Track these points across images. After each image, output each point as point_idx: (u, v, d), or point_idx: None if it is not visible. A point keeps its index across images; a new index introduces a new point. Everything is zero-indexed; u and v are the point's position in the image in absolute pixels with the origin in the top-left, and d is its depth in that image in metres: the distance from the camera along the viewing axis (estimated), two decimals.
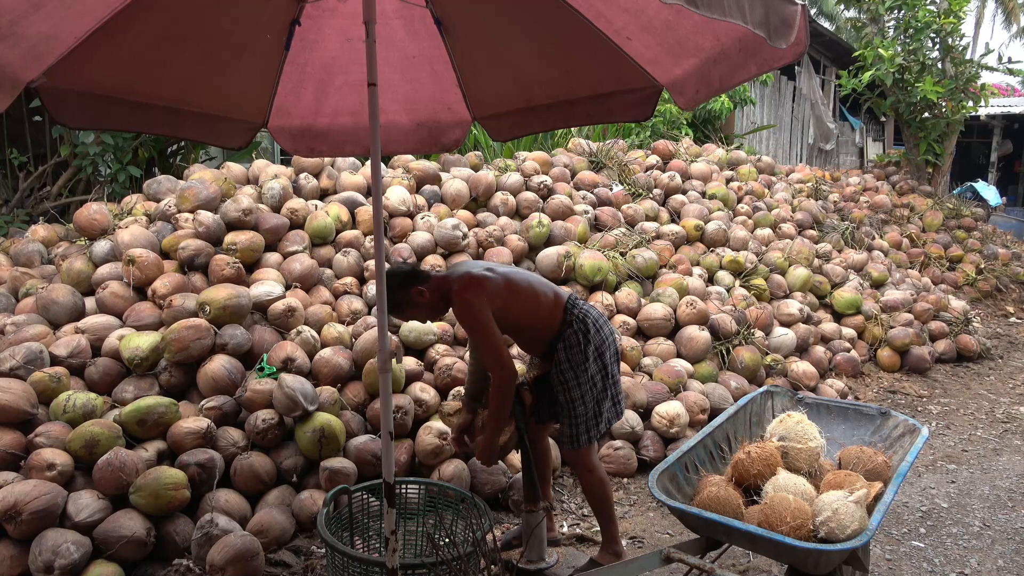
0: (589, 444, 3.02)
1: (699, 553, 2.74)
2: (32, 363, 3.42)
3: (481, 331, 2.78)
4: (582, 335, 2.93)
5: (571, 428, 2.98)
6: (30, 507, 2.84)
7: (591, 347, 2.94)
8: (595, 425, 2.99)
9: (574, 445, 3.00)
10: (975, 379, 6.45)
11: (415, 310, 2.89)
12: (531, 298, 2.95)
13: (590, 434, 2.99)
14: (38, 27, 2.00)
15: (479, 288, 2.79)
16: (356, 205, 4.98)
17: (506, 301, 2.84)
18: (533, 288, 2.99)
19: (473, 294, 2.77)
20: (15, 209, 5.94)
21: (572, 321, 2.95)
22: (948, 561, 3.48)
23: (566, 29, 2.56)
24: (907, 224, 8.86)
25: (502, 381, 2.79)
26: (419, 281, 2.83)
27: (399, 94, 3.15)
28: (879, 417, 3.26)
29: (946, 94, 9.54)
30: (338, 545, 2.48)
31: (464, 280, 2.82)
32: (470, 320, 2.79)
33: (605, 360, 3.00)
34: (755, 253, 6.30)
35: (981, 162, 17.98)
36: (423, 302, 2.83)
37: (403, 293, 2.81)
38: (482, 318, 2.75)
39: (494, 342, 2.76)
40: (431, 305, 2.86)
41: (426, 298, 2.82)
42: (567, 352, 2.93)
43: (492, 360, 2.79)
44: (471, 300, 2.76)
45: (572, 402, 2.95)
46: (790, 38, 1.86)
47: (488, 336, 2.76)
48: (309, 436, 3.46)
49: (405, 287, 2.81)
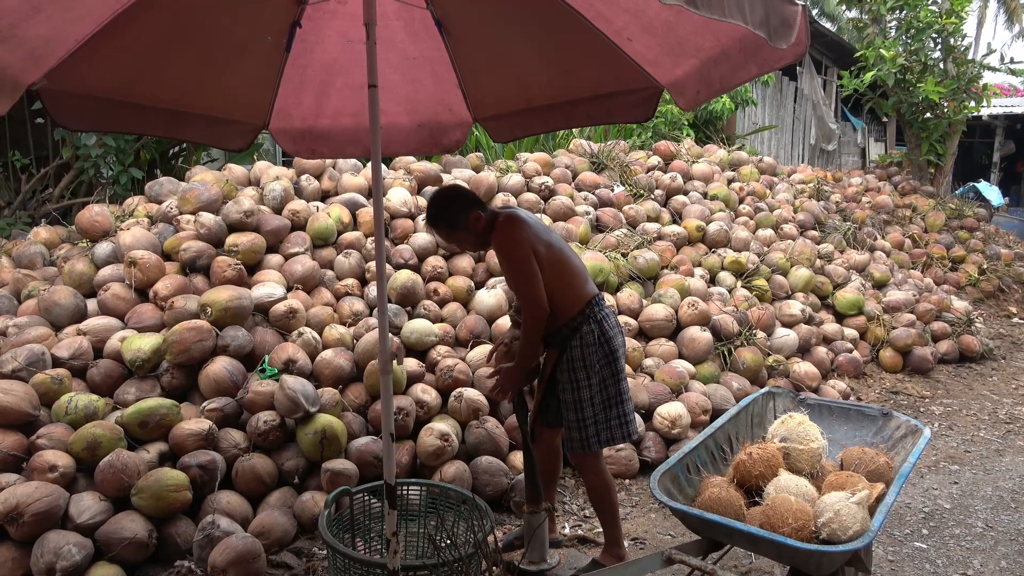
0: (599, 448, 3.00)
1: (701, 554, 2.73)
2: (34, 365, 3.42)
3: (518, 262, 2.80)
4: (598, 335, 2.92)
5: (580, 431, 2.96)
6: (32, 509, 2.84)
7: (604, 350, 2.93)
8: (605, 429, 2.97)
9: (583, 448, 2.97)
10: (978, 380, 6.43)
11: (464, 235, 2.93)
12: (564, 272, 2.93)
13: (599, 438, 2.97)
14: (39, 30, 2.00)
15: (523, 225, 2.85)
16: (357, 207, 4.98)
17: (541, 258, 2.84)
18: (571, 263, 2.98)
19: (516, 228, 2.83)
20: (17, 211, 5.94)
21: (591, 318, 2.93)
22: (951, 562, 3.47)
23: (566, 30, 2.56)
24: (909, 224, 8.84)
25: (533, 315, 2.81)
26: (480, 207, 2.89)
27: (400, 95, 3.15)
28: (881, 418, 3.25)
29: (948, 94, 9.52)
30: (339, 547, 2.48)
31: (511, 215, 2.89)
32: (508, 250, 2.82)
33: (617, 367, 2.98)
34: (757, 254, 6.29)
35: (983, 162, 17.95)
36: (478, 228, 2.88)
37: (462, 215, 2.86)
38: (519, 251, 2.79)
39: (530, 275, 2.78)
40: (482, 234, 2.91)
41: (481, 225, 2.87)
42: (582, 350, 2.91)
43: (525, 294, 2.81)
44: (514, 233, 2.81)
45: (580, 402, 2.93)
46: (790, 38, 1.85)
47: (524, 269, 2.79)
48: (311, 437, 3.46)
49: (466, 209, 2.87)
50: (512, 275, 2.92)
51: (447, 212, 2.91)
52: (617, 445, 3.75)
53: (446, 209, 2.91)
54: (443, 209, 2.92)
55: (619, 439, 3.03)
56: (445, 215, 2.91)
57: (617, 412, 3.00)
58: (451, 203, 2.91)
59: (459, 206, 2.89)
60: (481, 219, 2.88)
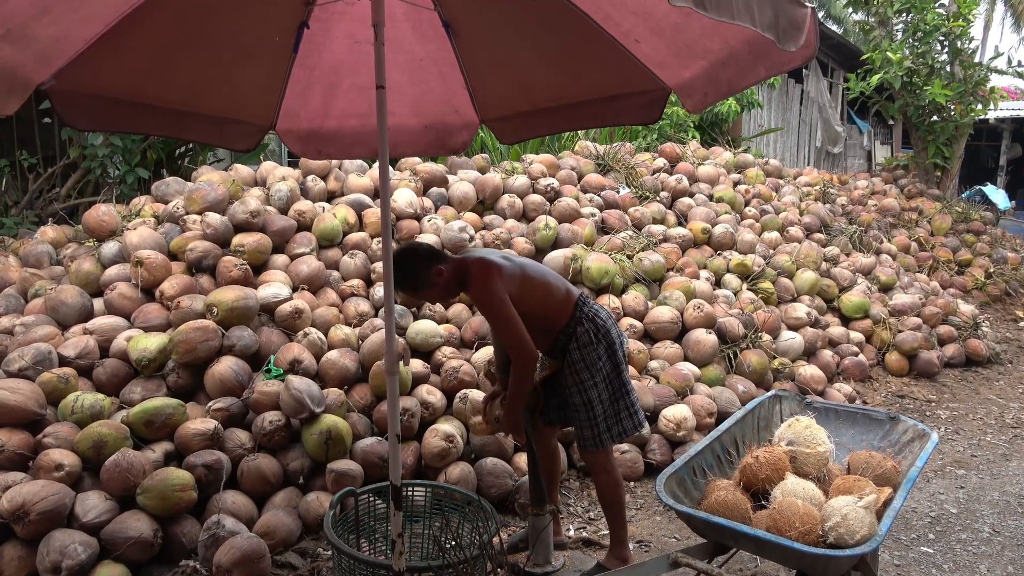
0: (611, 444, 3.02)
1: (706, 557, 2.72)
2: (41, 364, 3.43)
3: (498, 313, 2.77)
4: (593, 333, 2.94)
5: (592, 429, 2.97)
6: (38, 507, 2.84)
7: (603, 345, 2.95)
8: (616, 423, 3.00)
9: (597, 446, 2.99)
10: (984, 384, 6.40)
11: (430, 290, 2.87)
12: (544, 290, 2.95)
13: (611, 433, 2.99)
14: (47, 30, 2.00)
15: (496, 272, 2.80)
16: (363, 207, 4.99)
17: (520, 290, 2.84)
18: (547, 281, 2.99)
19: (490, 277, 2.78)
20: (24, 210, 5.97)
21: (582, 319, 2.96)
22: (957, 567, 3.45)
23: (574, 31, 2.55)
24: (915, 228, 8.80)
25: (521, 360, 2.80)
26: (439, 260, 2.84)
27: (407, 97, 3.15)
28: (888, 422, 3.24)
29: (955, 97, 9.49)
30: (344, 547, 2.48)
31: (481, 264, 2.83)
32: (488, 303, 2.79)
33: (617, 359, 3.00)
34: (762, 256, 6.27)
35: (990, 165, 17.90)
36: (441, 282, 2.83)
37: (423, 271, 2.80)
38: (499, 301, 2.75)
39: (512, 323, 2.75)
40: (447, 286, 2.86)
41: (444, 278, 2.82)
42: (581, 351, 2.93)
43: (512, 341, 2.79)
44: (489, 284, 2.76)
45: (590, 402, 2.94)
46: (799, 41, 1.84)
47: (506, 318, 2.76)
48: (316, 438, 3.46)
49: (426, 265, 2.80)
50: (495, 325, 2.94)
51: (408, 273, 2.79)
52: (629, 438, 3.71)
53: (407, 270, 2.79)
54: (404, 271, 2.77)
55: (630, 430, 3.05)
56: (407, 276, 2.79)
57: (624, 404, 3.02)
58: (411, 263, 2.80)
59: (420, 264, 2.80)
60: (443, 273, 2.81)
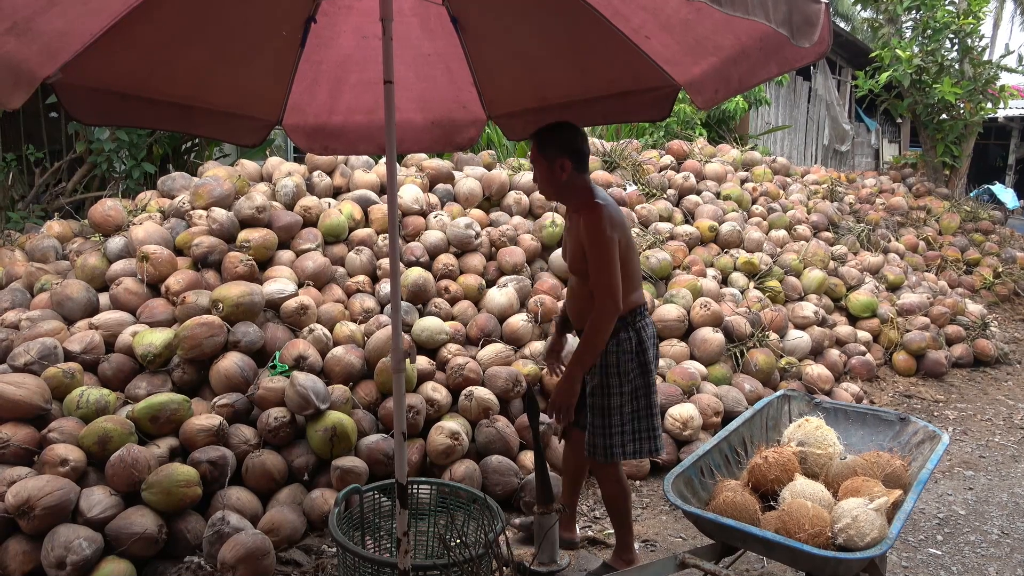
0: (622, 459, 2.94)
1: (714, 559, 2.71)
2: (46, 358, 3.43)
3: (605, 250, 2.70)
4: (637, 343, 2.86)
5: (605, 439, 2.89)
6: (43, 503, 2.84)
7: (640, 360, 2.87)
8: (632, 442, 2.91)
9: (607, 458, 2.91)
10: (992, 384, 6.36)
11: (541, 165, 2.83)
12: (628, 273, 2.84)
13: (625, 450, 2.91)
14: (54, 24, 1.99)
15: (616, 215, 2.76)
16: (369, 203, 4.97)
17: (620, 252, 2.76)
18: (632, 269, 2.89)
19: (612, 216, 2.73)
20: (31, 205, 5.97)
21: (634, 323, 2.87)
22: (966, 569, 3.42)
23: (583, 27, 2.53)
24: (923, 227, 8.75)
25: (606, 309, 2.71)
26: (575, 161, 2.80)
27: (414, 92, 3.13)
28: (898, 423, 3.21)
29: (964, 95, 9.42)
30: (349, 545, 2.47)
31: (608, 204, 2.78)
32: (598, 236, 2.71)
33: (650, 379, 2.92)
34: (770, 255, 6.24)
35: (999, 164, 17.79)
36: (559, 176, 2.79)
37: (555, 149, 2.77)
38: (608, 239, 2.69)
39: (613, 266, 2.69)
40: (557, 183, 2.82)
41: (564, 176, 2.79)
42: (619, 356, 2.84)
43: (603, 283, 2.71)
44: (606, 220, 2.70)
45: (608, 409, 2.87)
46: (813, 37, 1.82)
47: (610, 259, 2.69)
48: (321, 435, 3.45)
49: (562, 150, 2.78)
50: (595, 261, 2.75)
51: (550, 135, 2.80)
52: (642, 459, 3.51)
53: (551, 132, 2.80)
54: (550, 131, 2.80)
55: (645, 453, 2.96)
56: (547, 136, 2.80)
57: (647, 425, 2.94)
58: (558, 134, 2.79)
59: (561, 141, 2.78)
60: (565, 170, 2.78)
